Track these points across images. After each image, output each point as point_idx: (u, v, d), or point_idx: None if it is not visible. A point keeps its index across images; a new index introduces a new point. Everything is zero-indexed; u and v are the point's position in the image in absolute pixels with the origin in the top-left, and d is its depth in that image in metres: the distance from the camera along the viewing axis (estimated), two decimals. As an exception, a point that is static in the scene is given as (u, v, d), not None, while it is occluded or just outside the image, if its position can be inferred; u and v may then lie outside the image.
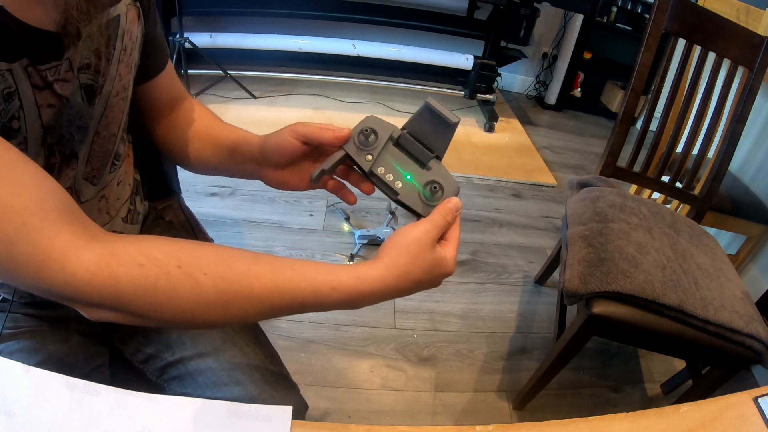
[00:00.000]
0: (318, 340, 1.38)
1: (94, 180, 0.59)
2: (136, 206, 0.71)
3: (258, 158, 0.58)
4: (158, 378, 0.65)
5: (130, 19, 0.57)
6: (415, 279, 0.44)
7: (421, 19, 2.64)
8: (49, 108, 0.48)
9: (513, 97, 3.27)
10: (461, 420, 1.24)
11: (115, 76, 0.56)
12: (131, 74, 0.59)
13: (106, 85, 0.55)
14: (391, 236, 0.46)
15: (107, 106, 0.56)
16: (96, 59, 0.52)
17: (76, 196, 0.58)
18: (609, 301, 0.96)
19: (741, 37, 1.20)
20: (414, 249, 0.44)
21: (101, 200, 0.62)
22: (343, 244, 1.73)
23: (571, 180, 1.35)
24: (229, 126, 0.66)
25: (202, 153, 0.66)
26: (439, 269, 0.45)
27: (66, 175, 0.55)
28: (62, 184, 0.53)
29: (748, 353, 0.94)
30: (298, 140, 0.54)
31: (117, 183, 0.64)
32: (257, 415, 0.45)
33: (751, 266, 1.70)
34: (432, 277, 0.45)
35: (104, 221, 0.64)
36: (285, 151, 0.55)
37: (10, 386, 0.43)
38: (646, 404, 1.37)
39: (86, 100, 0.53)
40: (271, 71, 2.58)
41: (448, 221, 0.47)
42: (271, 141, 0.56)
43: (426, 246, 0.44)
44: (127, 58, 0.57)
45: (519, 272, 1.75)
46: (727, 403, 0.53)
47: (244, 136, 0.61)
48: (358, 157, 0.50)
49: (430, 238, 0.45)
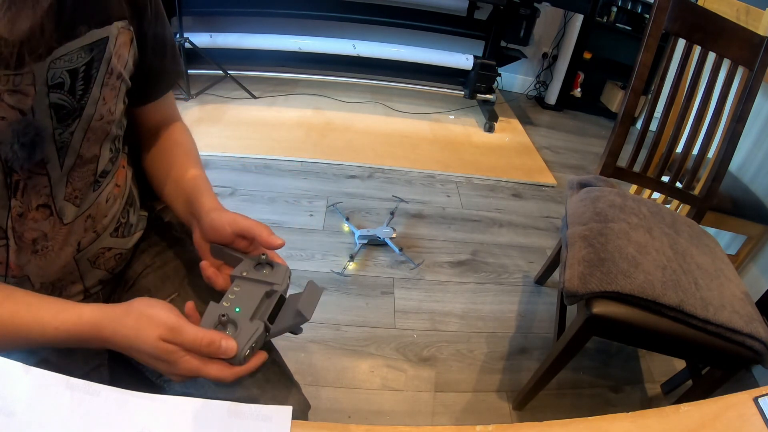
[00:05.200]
0: (318, 340, 1.38)
1: (76, 201, 0.59)
2: (128, 218, 0.70)
3: (195, 220, 0.62)
4: (158, 377, 0.65)
5: (120, 43, 0.56)
6: (132, 347, 0.48)
7: (421, 19, 2.64)
8: (1, 121, 0.46)
9: (513, 97, 3.28)
10: (461, 420, 1.24)
11: (99, 100, 0.55)
12: (118, 98, 0.58)
13: (87, 108, 0.54)
14: (148, 300, 0.50)
15: (89, 129, 0.55)
16: (71, 80, 0.51)
17: (57, 217, 0.57)
18: (609, 301, 0.96)
19: (741, 37, 1.20)
20: (144, 321, 0.47)
21: (87, 220, 0.61)
22: (343, 244, 1.73)
23: (571, 180, 1.35)
24: (194, 174, 0.67)
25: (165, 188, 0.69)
26: (165, 357, 0.47)
27: (37, 193, 0.54)
28: (33, 201, 0.53)
29: (748, 353, 0.94)
30: (233, 231, 0.57)
31: (105, 200, 0.64)
32: (257, 415, 0.45)
33: (751, 266, 1.70)
34: (151, 357, 0.48)
35: (91, 239, 0.63)
36: (217, 234, 0.58)
37: (10, 386, 0.43)
38: (646, 404, 1.37)
39: (56, 120, 0.51)
40: (271, 71, 2.58)
41: (201, 348, 0.47)
42: (211, 219, 0.58)
43: (157, 328, 0.47)
44: (114, 81, 0.56)
45: (519, 272, 1.75)
46: (727, 403, 0.53)
47: (198, 197, 0.62)
48: (239, 274, 0.56)
49: (167, 327, 0.47)
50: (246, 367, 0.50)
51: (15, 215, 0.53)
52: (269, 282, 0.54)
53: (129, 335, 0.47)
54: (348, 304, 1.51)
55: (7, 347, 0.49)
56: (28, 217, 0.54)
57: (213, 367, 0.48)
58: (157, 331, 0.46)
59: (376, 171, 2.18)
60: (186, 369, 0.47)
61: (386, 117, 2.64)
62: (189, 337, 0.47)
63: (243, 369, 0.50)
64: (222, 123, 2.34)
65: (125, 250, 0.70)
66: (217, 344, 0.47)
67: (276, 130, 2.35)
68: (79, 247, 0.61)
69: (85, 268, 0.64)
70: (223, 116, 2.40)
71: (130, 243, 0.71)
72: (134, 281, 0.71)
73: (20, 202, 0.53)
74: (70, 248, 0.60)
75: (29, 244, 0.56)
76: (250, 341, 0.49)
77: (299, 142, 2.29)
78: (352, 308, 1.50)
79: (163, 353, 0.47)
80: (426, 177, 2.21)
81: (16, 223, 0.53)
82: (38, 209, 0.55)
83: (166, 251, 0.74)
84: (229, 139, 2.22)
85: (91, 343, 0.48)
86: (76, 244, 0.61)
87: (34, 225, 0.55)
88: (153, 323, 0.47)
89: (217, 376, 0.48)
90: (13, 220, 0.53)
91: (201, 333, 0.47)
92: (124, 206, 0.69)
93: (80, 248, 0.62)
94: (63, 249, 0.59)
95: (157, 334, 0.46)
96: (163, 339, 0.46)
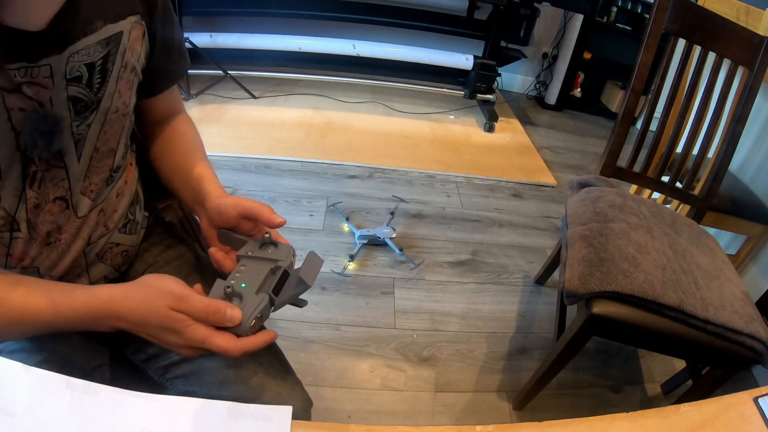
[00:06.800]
0: (318, 340, 1.38)
1: (91, 194, 0.60)
2: (135, 216, 0.71)
3: (202, 208, 0.63)
4: (161, 377, 0.65)
5: (134, 37, 0.57)
6: (143, 320, 0.48)
7: (421, 19, 2.64)
8: (20, 112, 0.47)
9: (513, 97, 3.28)
10: (461, 420, 1.24)
11: (114, 93, 0.56)
12: (132, 90, 0.60)
13: (104, 101, 0.55)
14: (155, 275, 0.50)
15: (105, 122, 0.57)
16: (89, 73, 0.52)
17: (72, 210, 0.58)
18: (609, 301, 0.96)
19: (741, 37, 1.20)
20: (153, 293, 0.48)
21: (99, 214, 0.62)
22: (343, 244, 1.73)
23: (571, 180, 1.35)
24: (199, 164, 0.67)
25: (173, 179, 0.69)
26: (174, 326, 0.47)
27: (55, 185, 0.55)
28: (50, 194, 0.54)
29: (748, 353, 0.94)
30: (238, 213, 0.58)
31: (116, 195, 0.65)
32: (257, 415, 0.45)
33: (751, 266, 1.70)
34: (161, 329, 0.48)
35: (102, 233, 0.64)
36: (222, 218, 0.59)
37: (10, 386, 0.43)
38: (646, 404, 1.37)
39: (74, 112, 0.53)
40: (271, 71, 2.58)
41: (207, 316, 0.48)
42: (217, 204, 0.59)
43: (166, 298, 0.47)
44: (128, 75, 0.58)
45: (519, 272, 1.75)
46: (727, 403, 0.53)
47: (204, 185, 0.63)
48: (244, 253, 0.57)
49: (175, 296, 0.47)
50: (252, 341, 0.50)
51: (31, 206, 0.54)
52: (274, 259, 0.56)
53: (139, 308, 0.48)
54: (348, 304, 1.51)
55: (20, 331, 0.49)
56: (45, 210, 0.55)
57: (220, 337, 0.48)
58: (165, 300, 0.47)
59: (376, 171, 2.18)
60: (194, 338, 0.48)
61: (386, 117, 2.64)
62: (196, 306, 0.47)
63: (250, 343, 0.49)
64: (222, 123, 2.34)
65: (132, 247, 0.71)
66: (222, 311, 0.48)
67: (276, 130, 2.35)
68: (89, 240, 0.62)
69: (93, 261, 0.65)
70: (223, 116, 2.40)
71: (137, 240, 0.72)
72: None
73: (37, 194, 0.54)
74: (81, 241, 0.61)
75: (43, 236, 0.57)
76: (255, 311, 0.49)
77: (299, 142, 2.29)
78: (352, 308, 1.50)
79: (172, 322, 0.47)
80: (426, 177, 2.21)
81: (31, 215, 0.54)
82: (55, 201, 0.56)
83: (168, 250, 0.74)
84: (229, 139, 2.22)
85: (103, 321, 0.49)
86: (87, 237, 0.62)
87: (49, 217, 0.56)
88: (162, 293, 0.47)
89: (224, 347, 0.48)
90: (29, 212, 0.54)
91: (207, 301, 0.48)
92: (131, 203, 0.70)
93: (90, 242, 0.63)
94: (74, 242, 0.60)
95: (165, 303, 0.47)
96: (172, 308, 0.47)
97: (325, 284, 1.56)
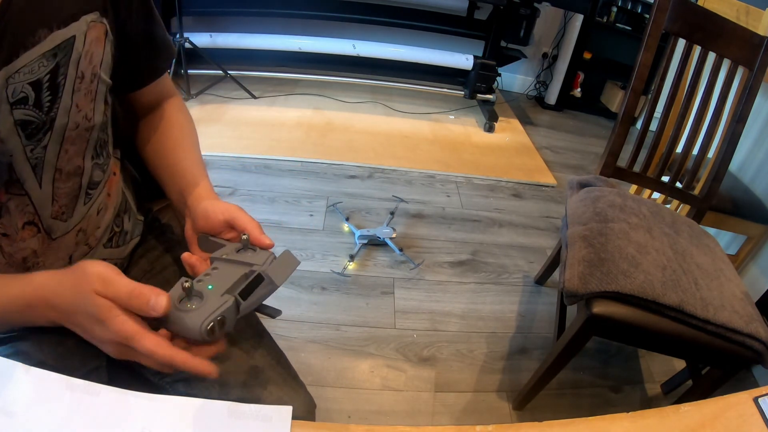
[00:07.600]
0: (318, 340, 1.38)
1: (63, 216, 0.56)
2: (123, 226, 0.67)
3: (188, 210, 0.60)
4: (160, 379, 0.64)
5: (91, 40, 0.50)
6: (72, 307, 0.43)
7: (421, 19, 2.64)
8: None
9: (513, 97, 3.28)
10: (461, 420, 1.24)
11: (71, 108, 0.50)
12: (96, 100, 0.54)
13: (59, 119, 0.49)
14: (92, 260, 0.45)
15: (65, 140, 0.51)
16: (35, 92, 0.46)
17: (45, 234, 0.55)
18: (609, 301, 0.96)
19: (741, 37, 1.20)
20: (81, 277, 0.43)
21: (78, 233, 0.59)
22: (343, 244, 1.73)
23: (571, 180, 1.35)
24: (187, 160, 0.64)
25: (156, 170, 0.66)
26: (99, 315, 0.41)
27: (21, 212, 0.51)
28: (18, 222, 0.51)
29: (748, 353, 0.94)
30: (225, 220, 0.55)
31: (96, 212, 0.61)
32: (257, 415, 0.45)
33: (751, 266, 1.70)
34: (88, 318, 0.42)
35: (83, 252, 0.61)
36: (207, 222, 0.56)
37: (10, 386, 0.43)
38: (646, 404, 1.37)
39: (25, 137, 0.47)
40: (271, 71, 2.58)
41: (130, 300, 0.41)
42: (204, 207, 0.56)
43: (92, 282, 0.42)
44: (87, 85, 0.51)
45: (519, 272, 1.75)
46: (727, 403, 0.53)
47: (191, 188, 0.60)
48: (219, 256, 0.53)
49: (101, 279, 0.42)
50: (187, 356, 0.42)
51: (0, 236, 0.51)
52: (249, 263, 0.50)
53: (67, 295, 0.43)
54: (348, 304, 1.51)
55: None
56: (17, 238, 0.52)
57: (150, 338, 0.41)
58: (92, 284, 0.41)
59: (376, 171, 2.18)
60: (120, 332, 0.40)
61: (386, 117, 2.64)
62: (121, 289, 0.41)
63: (184, 356, 0.42)
64: (222, 123, 2.34)
65: (121, 259, 0.68)
66: (147, 295, 0.40)
67: (276, 130, 2.35)
68: (71, 260, 0.59)
69: None
70: (223, 116, 2.40)
71: (126, 251, 0.69)
72: None
73: (3, 223, 0.51)
74: (60, 262, 0.58)
75: (19, 262, 0.54)
76: (215, 313, 0.42)
77: (299, 142, 2.29)
78: (352, 308, 1.50)
79: (98, 309, 0.41)
80: (426, 177, 2.21)
81: (3, 242, 0.51)
82: (25, 228, 0.53)
83: (165, 255, 0.72)
84: (229, 139, 2.22)
85: (38, 310, 0.44)
86: (67, 258, 0.59)
87: (22, 244, 0.53)
88: (89, 277, 0.42)
89: (151, 350, 0.40)
90: (0, 240, 0.51)
91: (134, 285, 0.41)
92: (117, 214, 0.66)
93: (72, 262, 0.59)
94: (54, 264, 0.57)
95: (92, 287, 0.41)
96: (98, 293, 0.41)
97: (325, 284, 1.56)
